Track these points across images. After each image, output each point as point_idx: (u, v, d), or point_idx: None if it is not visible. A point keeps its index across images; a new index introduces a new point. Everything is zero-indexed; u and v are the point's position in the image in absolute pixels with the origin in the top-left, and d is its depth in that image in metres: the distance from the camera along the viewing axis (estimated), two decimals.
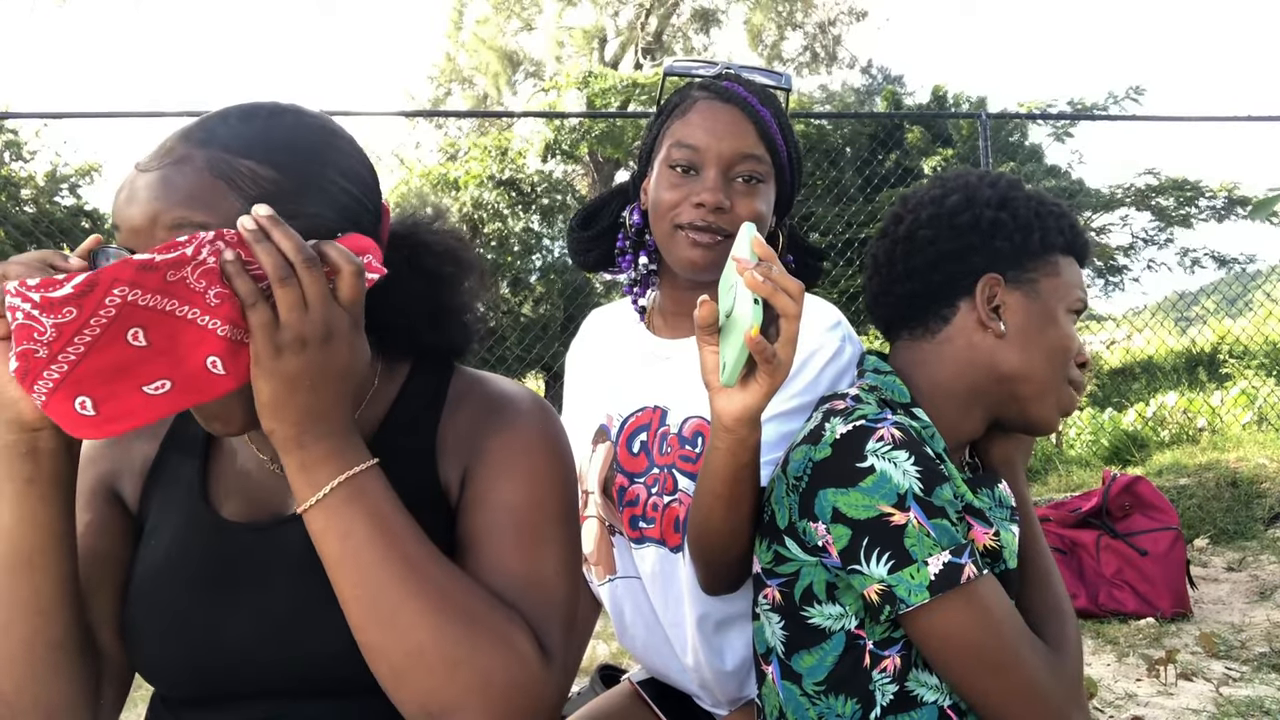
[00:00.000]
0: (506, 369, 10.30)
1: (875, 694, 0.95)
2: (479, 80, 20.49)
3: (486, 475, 0.87)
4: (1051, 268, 1.05)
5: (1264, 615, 3.05)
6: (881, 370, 1.07)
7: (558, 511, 0.88)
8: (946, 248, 1.05)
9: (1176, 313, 9.24)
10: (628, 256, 1.31)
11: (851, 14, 19.51)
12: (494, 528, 0.84)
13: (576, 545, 0.92)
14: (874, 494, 0.90)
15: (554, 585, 0.84)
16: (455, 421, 0.90)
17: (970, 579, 0.89)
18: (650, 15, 18.75)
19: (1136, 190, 9.89)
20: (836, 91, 19.10)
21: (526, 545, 0.84)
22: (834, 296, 8.79)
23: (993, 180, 1.07)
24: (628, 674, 1.43)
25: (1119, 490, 3.27)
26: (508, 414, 0.90)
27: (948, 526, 0.90)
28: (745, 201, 1.17)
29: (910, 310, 1.08)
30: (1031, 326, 1.03)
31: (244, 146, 0.77)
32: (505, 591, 0.81)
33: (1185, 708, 2.38)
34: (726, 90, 1.19)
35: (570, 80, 12.59)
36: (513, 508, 0.85)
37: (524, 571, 0.83)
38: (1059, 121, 10.08)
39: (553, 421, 0.92)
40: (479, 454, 0.87)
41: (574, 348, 1.47)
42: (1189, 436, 5.77)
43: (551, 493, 0.88)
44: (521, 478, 0.86)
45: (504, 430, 0.88)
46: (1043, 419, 1.06)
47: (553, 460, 0.89)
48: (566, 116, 11.22)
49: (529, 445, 0.88)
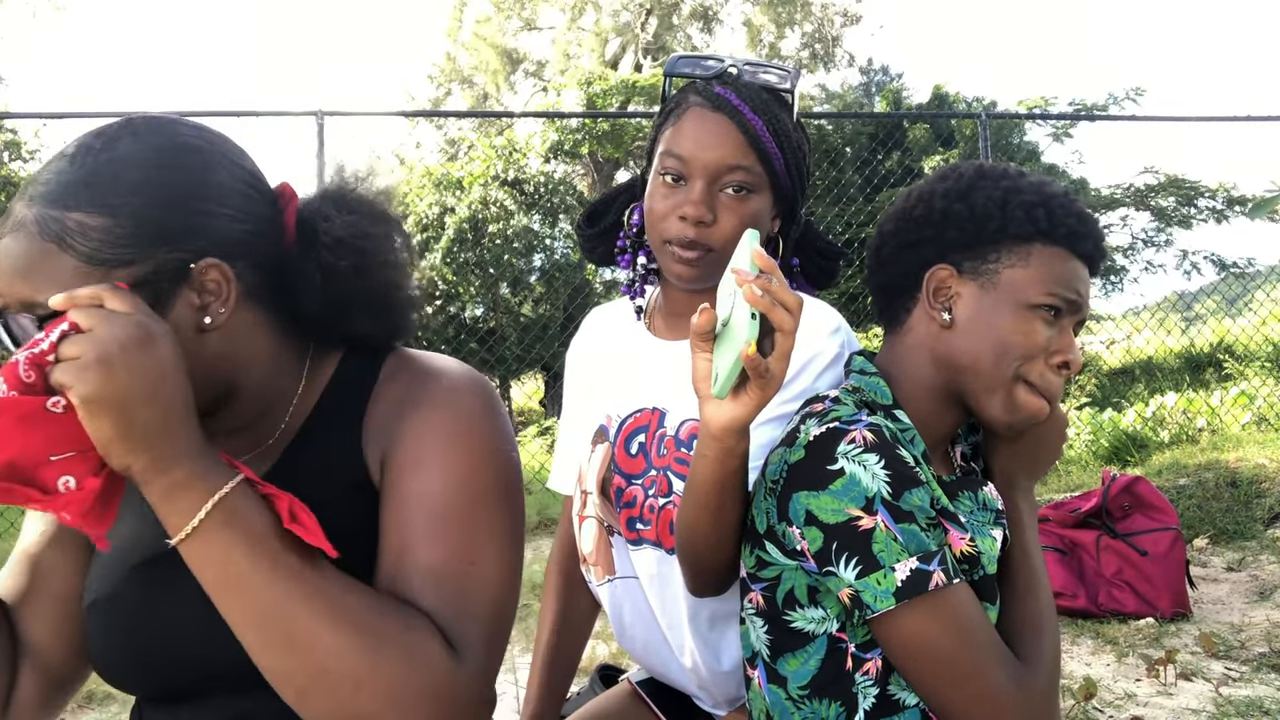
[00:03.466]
0: (506, 369, 10.30)
1: (858, 696, 0.95)
2: (479, 80, 20.50)
3: (400, 461, 0.83)
4: (1018, 259, 0.99)
5: (1264, 615, 3.05)
6: (866, 371, 1.06)
7: (478, 496, 0.83)
8: (903, 240, 1.06)
9: (1176, 313, 9.24)
10: (627, 255, 1.31)
11: (849, 16, 19.51)
12: (405, 518, 0.81)
13: (503, 530, 0.85)
14: (843, 497, 0.89)
15: (471, 577, 0.80)
16: (381, 403, 0.87)
17: (939, 586, 0.87)
18: (650, 15, 18.76)
19: (1136, 190, 9.89)
20: (836, 91, 19.10)
21: (439, 536, 0.80)
22: (834, 297, 8.79)
23: (961, 173, 1.05)
24: (627, 674, 1.43)
25: (1119, 490, 3.26)
26: (425, 393, 0.86)
27: (917, 532, 0.89)
28: (730, 214, 1.15)
29: (882, 304, 1.10)
30: (980, 318, 1.00)
31: (71, 196, 0.74)
32: (416, 587, 0.78)
33: (1185, 708, 2.38)
34: (718, 97, 1.16)
35: (572, 80, 12.60)
36: (424, 496, 0.81)
37: (436, 564, 0.79)
38: (1059, 121, 10.09)
39: (478, 397, 0.87)
40: (394, 438, 0.84)
41: (574, 346, 1.47)
42: (1189, 437, 5.78)
43: (471, 477, 0.83)
44: (435, 463, 0.82)
45: (420, 410, 0.85)
46: (992, 417, 1.01)
47: (473, 441, 0.84)
48: (567, 116, 11.22)
49: (446, 426, 0.84)
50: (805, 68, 19.47)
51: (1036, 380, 0.99)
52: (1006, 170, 1.05)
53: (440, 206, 10.10)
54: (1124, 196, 9.97)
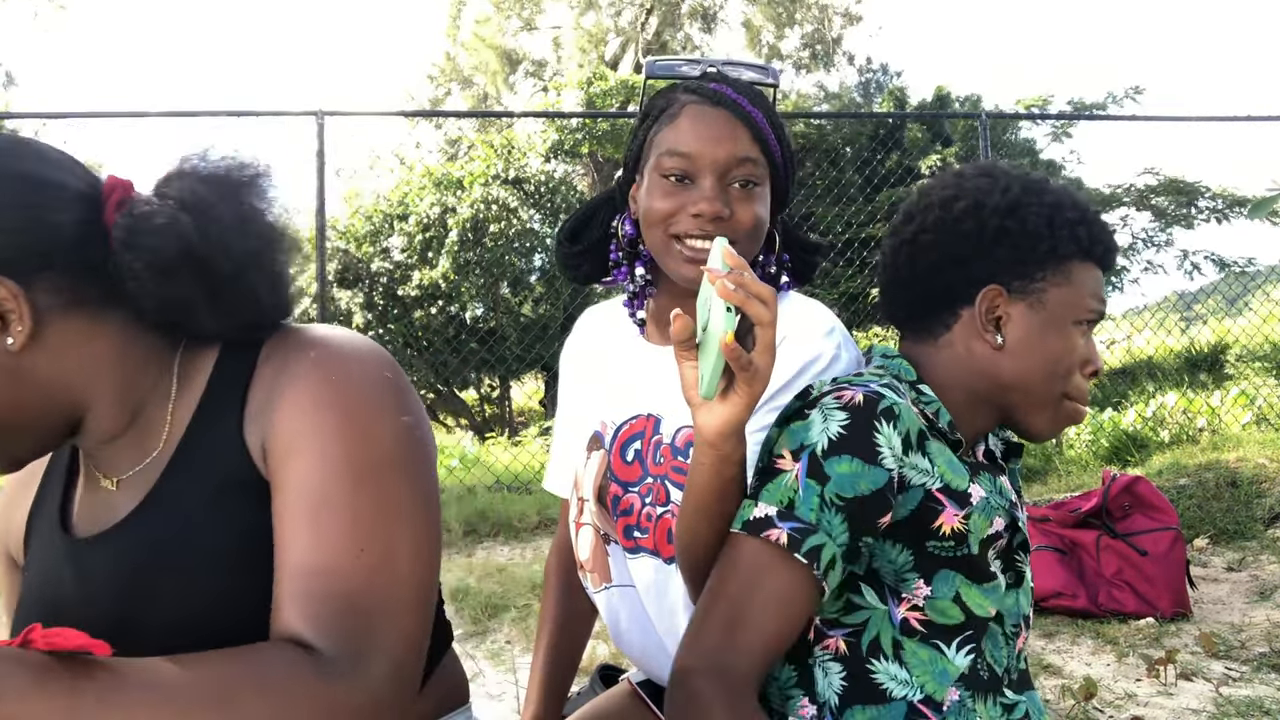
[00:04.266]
0: (506, 369, 10.30)
1: (815, 671, 0.96)
2: (479, 80, 20.50)
3: (276, 450, 0.77)
4: (1062, 277, 1.01)
5: (1264, 615, 3.05)
6: (889, 355, 1.06)
7: (362, 473, 0.75)
8: (949, 254, 1.02)
9: (1176, 313, 9.24)
10: (623, 269, 1.28)
11: (849, 16, 19.51)
12: (284, 513, 0.75)
13: (400, 506, 0.77)
14: (791, 437, 0.93)
15: (358, 569, 0.72)
16: (258, 389, 0.81)
17: (775, 541, 0.87)
18: (651, 15, 18.76)
19: (1136, 190, 9.90)
20: (835, 92, 19.10)
21: (315, 529, 0.73)
22: (834, 297, 8.79)
23: (1006, 185, 1.03)
24: (627, 674, 1.43)
25: (1119, 490, 3.26)
26: (295, 371, 0.79)
27: (813, 493, 0.88)
28: (744, 207, 1.14)
29: (914, 313, 1.07)
30: (1032, 339, 1.00)
31: None
32: (288, 594, 0.72)
33: (1185, 708, 2.38)
34: (715, 93, 1.16)
35: (572, 80, 12.60)
36: (301, 485, 0.74)
37: (312, 563, 0.72)
38: (1058, 121, 10.09)
39: (353, 363, 0.80)
40: (268, 425, 0.78)
41: (568, 346, 1.45)
42: (1189, 437, 5.77)
43: (350, 454, 0.75)
44: (309, 446, 0.75)
45: (290, 390, 0.78)
46: (1037, 431, 1.04)
47: (350, 414, 0.76)
48: (567, 116, 11.22)
49: (318, 403, 0.76)
50: (805, 68, 19.48)
51: (1075, 392, 1.02)
52: (1044, 183, 1.04)
53: (441, 207, 10.10)
54: (1123, 196, 9.97)
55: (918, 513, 0.94)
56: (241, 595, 0.77)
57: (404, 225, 10.23)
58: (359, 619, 0.72)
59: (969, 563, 0.96)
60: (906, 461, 0.93)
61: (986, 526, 0.97)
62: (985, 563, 0.97)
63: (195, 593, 0.77)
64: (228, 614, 0.77)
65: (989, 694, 0.97)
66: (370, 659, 0.71)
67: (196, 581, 0.78)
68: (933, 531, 0.94)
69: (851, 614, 0.96)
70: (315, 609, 0.71)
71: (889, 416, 0.92)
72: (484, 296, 10.40)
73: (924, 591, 0.94)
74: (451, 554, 4.45)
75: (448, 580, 3.81)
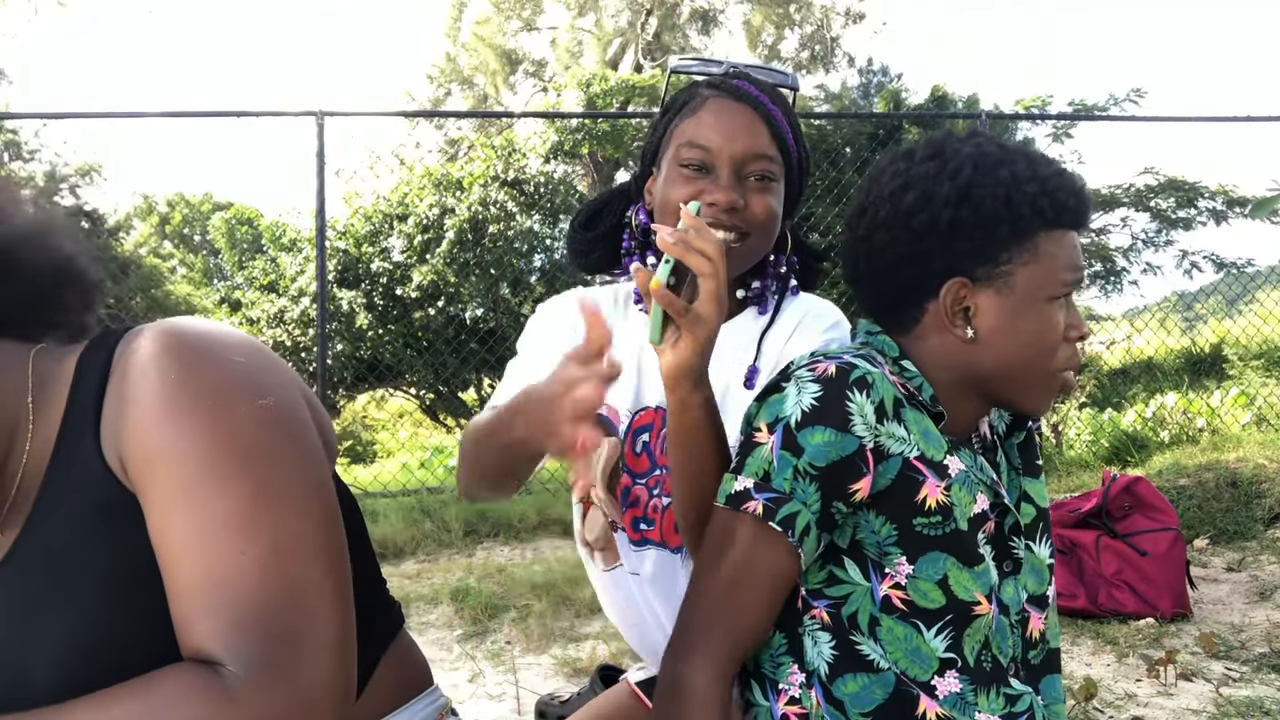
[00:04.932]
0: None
1: (805, 640, 0.96)
2: (479, 80, 20.50)
3: (135, 465, 0.70)
4: (1029, 254, 0.94)
5: (1264, 615, 3.05)
6: (873, 331, 1.04)
7: (226, 467, 0.68)
8: (904, 252, 0.97)
9: (1176, 313, 9.24)
10: (634, 257, 1.29)
11: (849, 16, 19.52)
12: (157, 529, 0.69)
13: (280, 488, 0.71)
14: (766, 410, 0.94)
15: (247, 570, 0.67)
16: (109, 399, 0.73)
17: (753, 513, 0.90)
18: (650, 16, 18.76)
19: (1136, 191, 9.89)
20: (836, 92, 19.10)
21: (186, 542, 0.67)
22: (833, 297, 8.78)
23: (956, 168, 0.95)
24: (626, 674, 1.43)
25: (1119, 490, 3.26)
26: (136, 375, 0.71)
27: (788, 464, 0.90)
28: (759, 200, 1.16)
29: (881, 307, 1.04)
30: (1004, 327, 0.95)
31: None
32: (184, 613, 0.67)
33: (1185, 708, 2.37)
34: (738, 89, 1.18)
35: (572, 81, 12.60)
36: (165, 495, 0.68)
37: (196, 576, 0.67)
38: (1058, 121, 10.08)
39: (197, 354, 0.72)
40: (121, 438, 0.71)
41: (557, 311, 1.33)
42: (1189, 437, 5.77)
43: (205, 448, 0.68)
44: (163, 455, 0.68)
45: (134, 399, 0.70)
46: (1031, 408, 1.01)
47: (193, 406, 0.69)
48: (567, 116, 11.22)
49: (163, 405, 0.69)
50: (805, 68, 19.48)
51: (1064, 363, 0.98)
52: (998, 154, 0.96)
53: (440, 207, 10.09)
54: (1123, 196, 9.97)
55: (899, 483, 0.92)
56: (128, 623, 0.72)
57: (404, 226, 10.22)
58: (262, 624, 0.66)
59: (959, 541, 0.93)
60: (882, 430, 0.91)
61: (970, 502, 0.95)
62: (974, 544, 0.95)
63: (79, 628, 0.71)
64: (117, 645, 0.71)
65: (992, 685, 0.96)
66: (293, 659, 0.66)
67: (81, 615, 0.71)
68: (918, 506, 0.93)
69: (834, 586, 0.96)
70: (213, 624, 0.66)
71: (861, 386, 0.91)
72: (484, 297, 10.39)
73: (906, 569, 0.93)
74: (452, 554, 4.45)
75: (448, 580, 3.81)
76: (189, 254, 21.30)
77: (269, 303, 10.68)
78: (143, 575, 0.70)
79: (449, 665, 2.99)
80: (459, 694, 2.73)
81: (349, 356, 10.08)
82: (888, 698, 0.93)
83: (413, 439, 12.20)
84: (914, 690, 0.93)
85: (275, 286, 10.94)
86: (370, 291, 10.23)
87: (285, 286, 10.72)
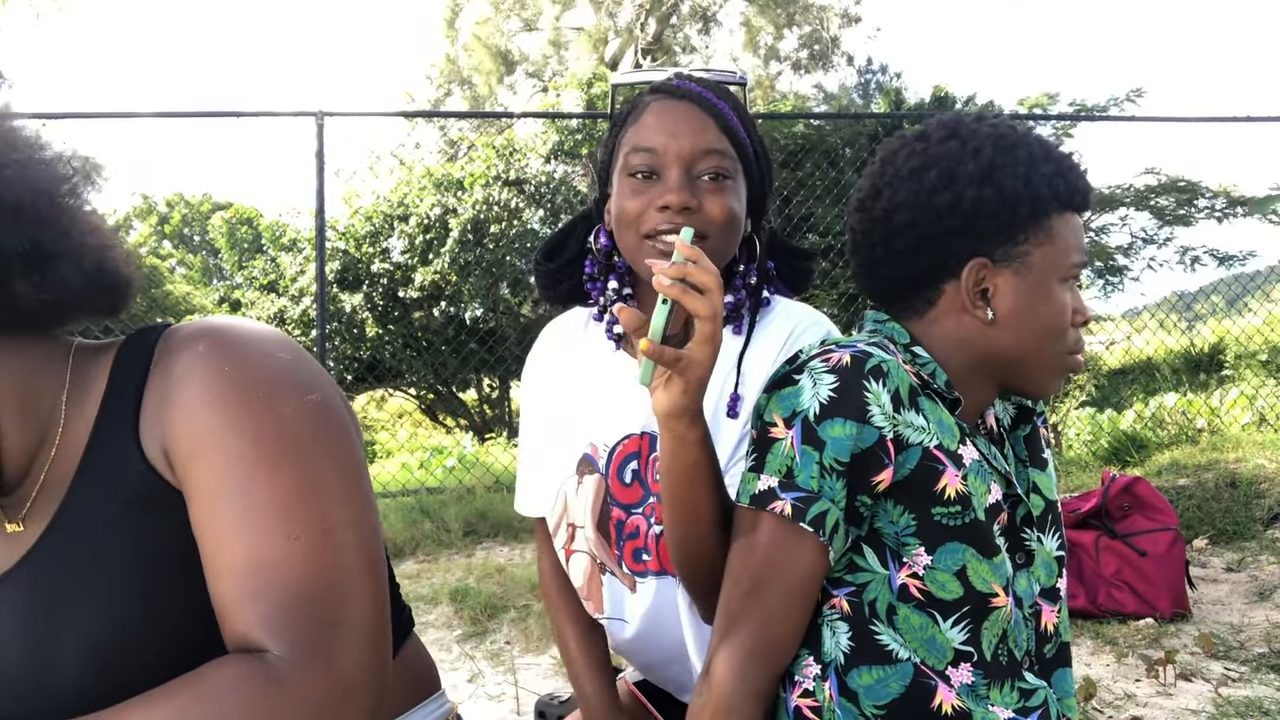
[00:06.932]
0: (506, 369, 10.29)
1: (823, 630, 0.95)
2: (478, 80, 20.50)
3: (180, 455, 0.72)
4: (1045, 235, 0.95)
5: (1263, 615, 3.05)
6: (881, 320, 1.03)
7: (276, 458, 0.71)
8: (926, 232, 0.96)
9: (1177, 313, 9.24)
10: (597, 283, 1.21)
11: (848, 16, 19.51)
12: (204, 517, 0.71)
13: (325, 482, 0.73)
14: (781, 404, 0.92)
15: (295, 555, 0.68)
16: (151, 392, 0.75)
17: (780, 513, 0.88)
18: (649, 16, 18.76)
19: (1136, 190, 9.89)
20: (834, 93, 19.11)
21: (241, 524, 0.69)
22: (833, 297, 8.78)
23: (977, 147, 0.96)
24: (623, 673, 1.43)
25: (1118, 490, 3.26)
26: (183, 368, 0.73)
27: (810, 460, 0.88)
28: (714, 199, 1.08)
29: (894, 291, 1.03)
30: (1023, 308, 0.96)
31: None
32: (231, 598, 0.68)
33: (1184, 708, 2.37)
34: (679, 88, 1.13)
35: (572, 81, 12.60)
36: (215, 484, 0.70)
37: (244, 561, 0.68)
38: (1059, 121, 10.09)
39: (245, 349, 0.75)
40: (165, 430, 0.73)
41: (536, 361, 1.34)
42: (1188, 437, 5.77)
43: (256, 441, 0.70)
44: (211, 441, 0.70)
45: (181, 391, 0.73)
46: (1040, 391, 1.01)
47: (245, 399, 0.72)
48: (567, 117, 11.22)
49: (212, 398, 0.71)
50: (804, 69, 19.48)
51: (1072, 346, 0.99)
52: (1015, 135, 0.97)
53: (442, 208, 10.10)
54: (1123, 196, 9.97)
55: (919, 473, 0.91)
56: (162, 616, 0.73)
57: (404, 226, 10.22)
58: (311, 607, 0.68)
59: (977, 531, 0.93)
60: (900, 420, 0.90)
61: (985, 491, 0.94)
62: (991, 535, 0.94)
63: (112, 622, 0.72)
64: (151, 638, 0.73)
65: (1006, 679, 0.95)
66: (336, 642, 0.68)
67: (111, 610, 0.72)
68: (937, 495, 0.91)
69: (854, 574, 0.95)
70: (262, 609, 0.67)
71: (877, 374, 0.90)
72: (484, 297, 10.39)
73: (924, 560, 0.92)
74: (451, 554, 4.45)
75: (447, 581, 3.81)
76: (188, 254, 21.31)
77: (269, 303, 10.69)
78: (172, 570, 0.72)
79: (449, 665, 3.00)
80: (459, 694, 2.73)
81: (349, 357, 10.08)
82: (904, 690, 0.92)
83: (412, 439, 12.19)
84: (932, 681, 0.91)
85: (275, 286, 10.96)
86: (370, 292, 10.23)
87: (285, 287, 10.73)
